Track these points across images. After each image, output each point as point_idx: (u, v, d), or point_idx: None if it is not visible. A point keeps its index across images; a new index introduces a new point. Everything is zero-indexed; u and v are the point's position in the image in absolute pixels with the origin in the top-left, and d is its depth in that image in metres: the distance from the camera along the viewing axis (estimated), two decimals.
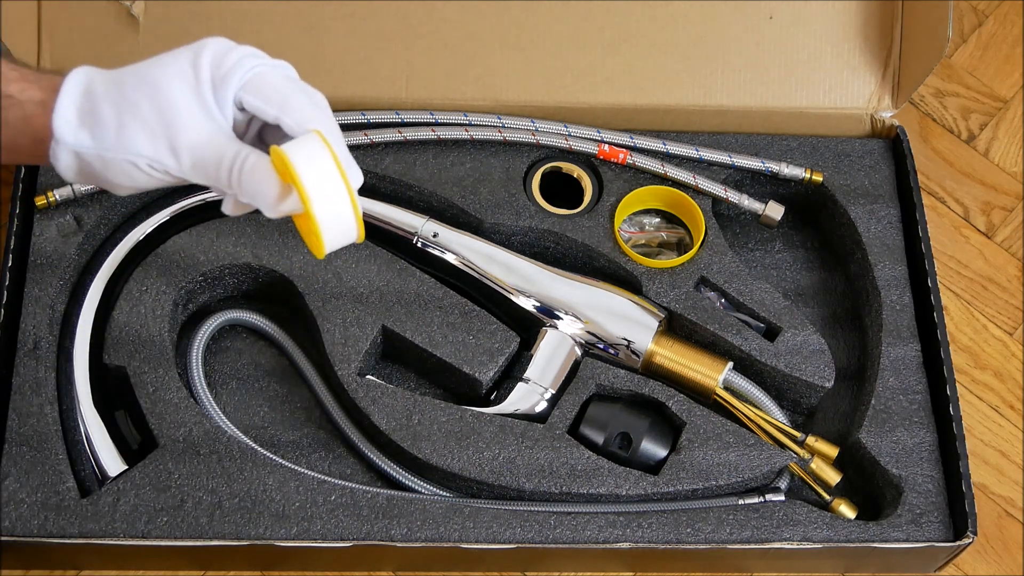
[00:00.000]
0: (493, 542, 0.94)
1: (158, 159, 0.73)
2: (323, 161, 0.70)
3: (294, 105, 0.74)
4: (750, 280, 1.05)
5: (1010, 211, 1.20)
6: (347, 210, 0.70)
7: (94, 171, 0.75)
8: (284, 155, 0.69)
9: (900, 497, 0.97)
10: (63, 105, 0.74)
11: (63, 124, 0.74)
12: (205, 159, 0.73)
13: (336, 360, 0.99)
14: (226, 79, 0.73)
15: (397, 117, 1.09)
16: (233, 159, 0.72)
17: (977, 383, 1.12)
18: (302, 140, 0.71)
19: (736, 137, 1.12)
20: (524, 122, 1.09)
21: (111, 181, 0.76)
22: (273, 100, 0.74)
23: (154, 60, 0.75)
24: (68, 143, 0.74)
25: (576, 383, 1.01)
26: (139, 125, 0.73)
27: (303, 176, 0.69)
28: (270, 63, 0.75)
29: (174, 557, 0.96)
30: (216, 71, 0.74)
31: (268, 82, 0.74)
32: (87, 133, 0.74)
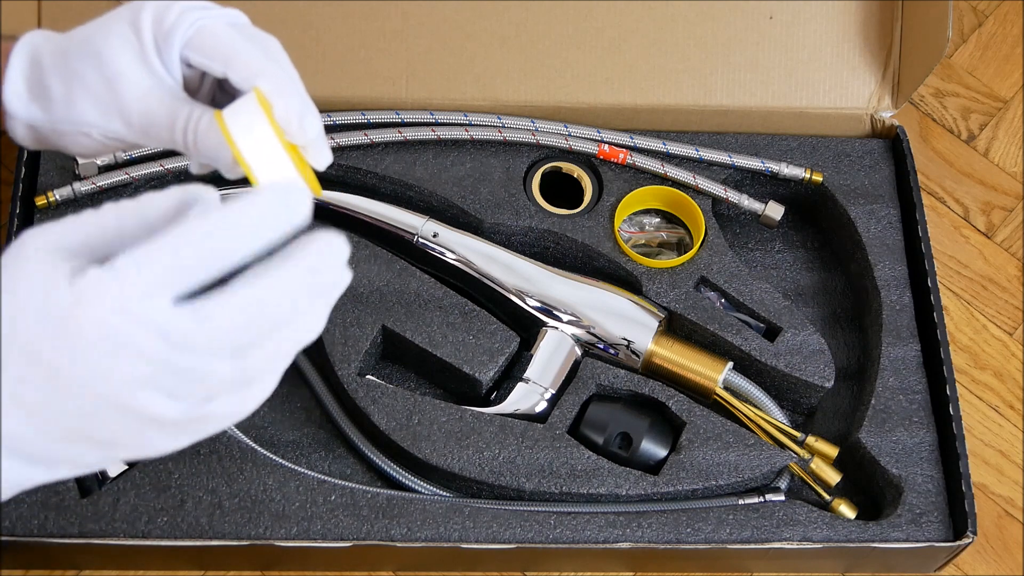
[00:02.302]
0: (493, 542, 0.94)
1: (109, 128, 0.69)
2: (260, 126, 0.65)
3: (241, 58, 0.68)
4: (750, 280, 1.05)
5: (1010, 211, 1.20)
6: (292, 174, 0.65)
7: (51, 141, 0.72)
8: (222, 121, 0.65)
9: (900, 497, 0.97)
10: (11, 78, 0.69)
11: (13, 98, 0.69)
12: (157, 124, 0.68)
13: (336, 360, 0.99)
14: (168, 37, 0.67)
15: (397, 117, 1.09)
16: (186, 121, 0.67)
17: (977, 383, 1.12)
18: (241, 102, 0.65)
19: (736, 137, 1.12)
20: (524, 122, 1.09)
21: (69, 149, 0.72)
22: (218, 55, 0.68)
23: (96, 24, 0.70)
24: (21, 117, 0.70)
25: (576, 383, 1.01)
26: (87, 95, 0.68)
27: (240, 145, 0.64)
28: (216, 13, 0.69)
29: (174, 557, 0.96)
30: (158, 29, 0.68)
31: (213, 35, 0.68)
32: (37, 106, 0.70)
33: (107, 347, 0.52)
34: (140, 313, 0.52)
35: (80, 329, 0.52)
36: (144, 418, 0.54)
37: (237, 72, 0.67)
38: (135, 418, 0.54)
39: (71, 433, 0.55)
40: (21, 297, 0.52)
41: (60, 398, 0.54)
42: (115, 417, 0.54)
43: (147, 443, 0.56)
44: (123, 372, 0.53)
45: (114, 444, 0.56)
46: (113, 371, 0.52)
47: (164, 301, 0.52)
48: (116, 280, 0.52)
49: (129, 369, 0.52)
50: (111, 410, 0.54)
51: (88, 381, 0.53)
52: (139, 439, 0.56)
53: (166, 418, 0.55)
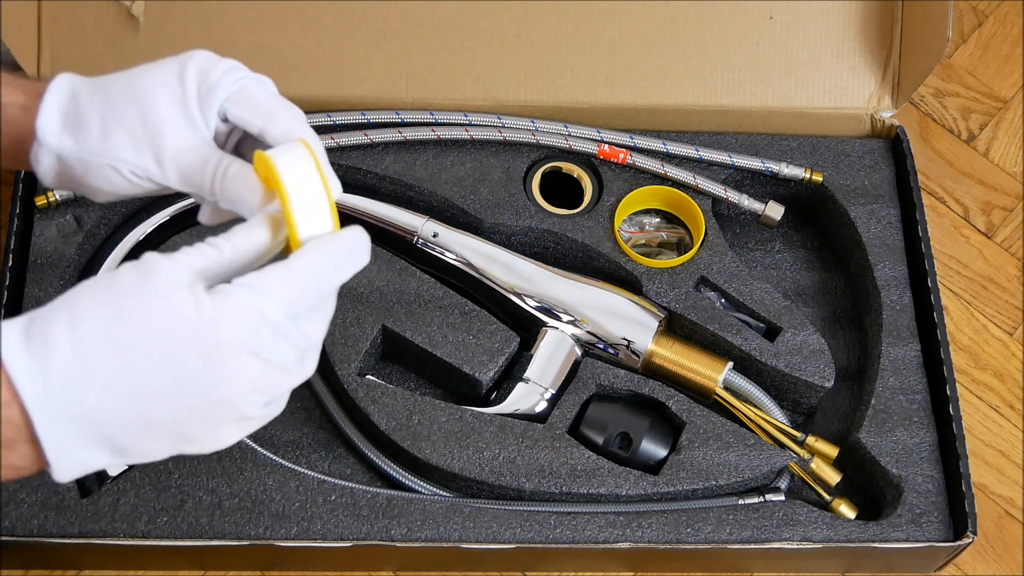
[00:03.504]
0: (493, 542, 0.94)
1: (141, 165, 0.73)
2: (305, 166, 0.70)
3: (280, 117, 0.74)
4: (750, 280, 1.05)
5: (1010, 211, 1.20)
6: (326, 216, 0.70)
7: (74, 175, 0.75)
8: (268, 159, 0.70)
9: (900, 497, 0.97)
10: (47, 107, 0.73)
11: (46, 126, 0.73)
12: (189, 167, 0.73)
13: (336, 360, 0.99)
14: (212, 91, 0.73)
15: (397, 117, 1.09)
16: (216, 166, 0.72)
17: (977, 383, 1.12)
18: (287, 147, 0.71)
19: (736, 137, 1.12)
20: (524, 122, 1.09)
21: (91, 185, 0.75)
22: (259, 112, 0.74)
23: (140, 69, 0.75)
24: (51, 145, 0.73)
25: (576, 383, 1.01)
26: (124, 132, 0.73)
27: (285, 180, 0.69)
28: (252, 77, 0.76)
29: (174, 557, 0.96)
30: (202, 82, 0.73)
31: (252, 95, 0.75)
32: (70, 137, 0.73)
33: (239, 353, 0.63)
34: (272, 322, 0.63)
35: (217, 336, 0.62)
36: (238, 417, 0.65)
37: (277, 127, 0.74)
38: (231, 417, 0.65)
39: (165, 430, 0.64)
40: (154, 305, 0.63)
41: (177, 397, 0.63)
42: (216, 416, 0.64)
43: (219, 439, 0.66)
44: (246, 375, 0.63)
45: (192, 440, 0.65)
46: (239, 374, 0.63)
47: (283, 316, 0.64)
48: (249, 295, 0.63)
49: (250, 373, 0.63)
50: (217, 409, 0.64)
51: (211, 384, 0.63)
52: (216, 436, 0.66)
53: (255, 416, 0.65)
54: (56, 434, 0.62)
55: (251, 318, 0.63)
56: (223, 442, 0.66)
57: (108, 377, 0.62)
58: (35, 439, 0.62)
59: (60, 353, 0.61)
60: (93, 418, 0.62)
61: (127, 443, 0.64)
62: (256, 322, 0.63)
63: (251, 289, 0.64)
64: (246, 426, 0.66)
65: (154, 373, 0.62)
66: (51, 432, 0.62)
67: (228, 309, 0.63)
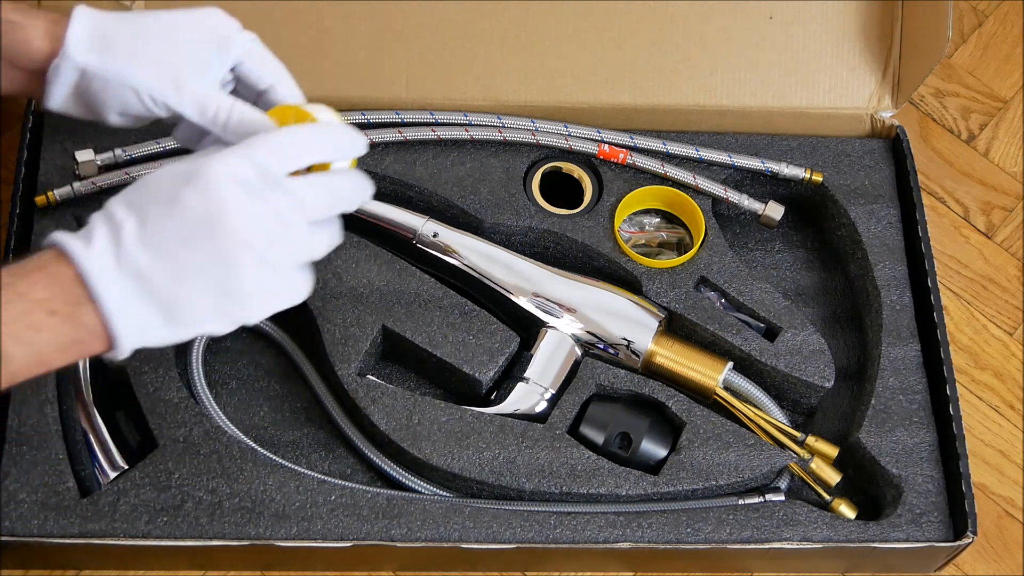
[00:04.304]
0: (493, 542, 0.94)
1: (161, 91, 0.79)
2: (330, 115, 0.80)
3: (288, 79, 0.84)
4: (750, 280, 1.05)
5: (1010, 211, 1.20)
6: None
7: (91, 93, 0.80)
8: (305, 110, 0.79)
9: (900, 497, 0.97)
10: (77, 23, 0.79)
11: (76, 41, 0.78)
12: (205, 100, 0.80)
13: (336, 360, 0.99)
14: (228, 45, 0.82)
15: (397, 117, 1.09)
16: (231, 104, 0.80)
17: (977, 383, 1.12)
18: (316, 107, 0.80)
19: (736, 137, 1.12)
20: (524, 122, 1.09)
21: (106, 104, 0.81)
22: (270, 70, 0.84)
23: (165, 11, 0.82)
24: (76, 60, 0.78)
25: (576, 383, 1.01)
26: (149, 58, 0.79)
27: (319, 116, 0.78)
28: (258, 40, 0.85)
29: (174, 557, 0.96)
30: (222, 34, 0.82)
31: (265, 55, 0.84)
32: (97, 54, 0.79)
33: (230, 186, 0.71)
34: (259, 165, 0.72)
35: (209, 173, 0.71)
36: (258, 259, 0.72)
37: (286, 87, 0.84)
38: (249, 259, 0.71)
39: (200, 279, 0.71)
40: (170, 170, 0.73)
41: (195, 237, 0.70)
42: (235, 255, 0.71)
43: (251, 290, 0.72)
44: (243, 209, 0.71)
45: (229, 293, 0.72)
46: (235, 205, 0.70)
47: (271, 163, 0.73)
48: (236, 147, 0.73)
49: (246, 207, 0.71)
50: (232, 247, 0.71)
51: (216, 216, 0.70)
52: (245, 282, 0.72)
53: (271, 261, 0.72)
54: (110, 291, 0.69)
55: (233, 160, 0.72)
56: (259, 297, 0.73)
57: (133, 232, 0.70)
58: (93, 298, 0.69)
59: (96, 223, 0.70)
60: (140, 273, 0.69)
61: (174, 299, 0.70)
62: (239, 163, 0.72)
63: (241, 144, 0.73)
64: (275, 278, 0.73)
65: (166, 221, 0.70)
66: (106, 287, 0.69)
67: (215, 156, 0.72)
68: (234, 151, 0.73)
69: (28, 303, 0.68)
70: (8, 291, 0.68)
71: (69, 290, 0.69)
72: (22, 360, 0.69)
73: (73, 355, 0.70)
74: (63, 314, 0.69)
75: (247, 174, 0.72)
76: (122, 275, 0.69)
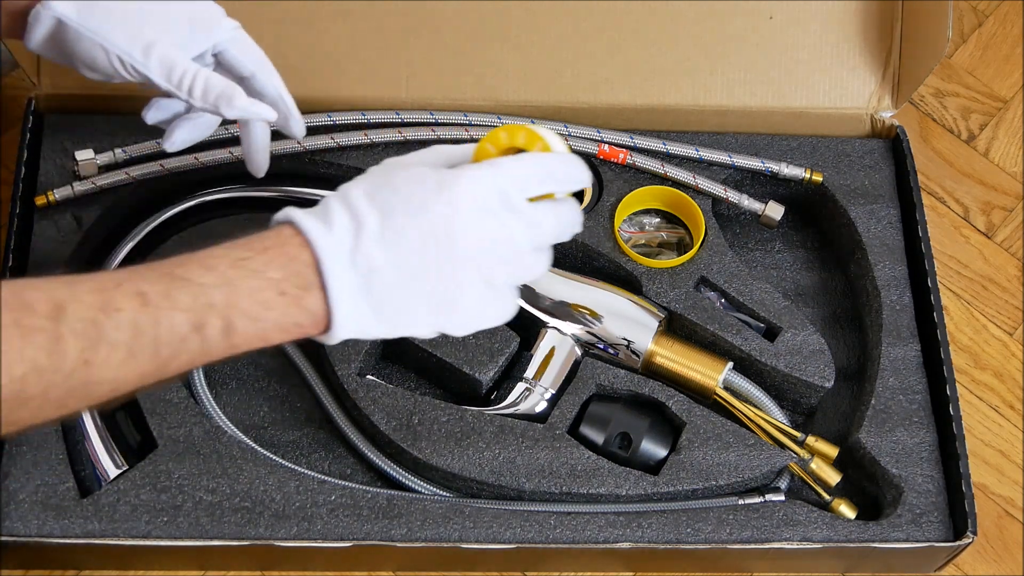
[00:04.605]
0: (493, 542, 0.94)
1: (130, 53, 0.82)
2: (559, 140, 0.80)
3: (269, 69, 0.87)
4: (750, 280, 1.05)
5: (1010, 211, 1.20)
6: None
7: (66, 43, 0.83)
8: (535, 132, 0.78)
9: (900, 497, 0.97)
10: None
11: None
12: (172, 64, 0.83)
13: (336, 360, 0.99)
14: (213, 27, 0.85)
15: (397, 117, 1.09)
16: (197, 70, 0.83)
17: (977, 383, 1.12)
18: (544, 129, 0.79)
19: (736, 137, 1.12)
20: (524, 122, 1.09)
21: (76, 56, 0.83)
22: (253, 59, 0.87)
23: None
24: (54, 9, 0.81)
25: (576, 383, 1.01)
26: (124, 21, 0.82)
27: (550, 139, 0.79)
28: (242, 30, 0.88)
29: (174, 557, 0.96)
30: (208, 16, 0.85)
31: (250, 44, 0.87)
32: (74, 8, 0.82)
33: (471, 207, 0.73)
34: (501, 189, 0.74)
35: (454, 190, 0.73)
36: (481, 279, 0.74)
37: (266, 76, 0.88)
38: (473, 278, 0.73)
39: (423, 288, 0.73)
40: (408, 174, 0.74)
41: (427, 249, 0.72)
42: (461, 274, 0.73)
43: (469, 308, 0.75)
44: (480, 229, 0.73)
45: (444, 306, 0.74)
46: (474, 226, 0.73)
47: (512, 188, 0.74)
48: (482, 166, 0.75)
49: (484, 228, 0.73)
50: (460, 265, 0.73)
51: (453, 233, 0.72)
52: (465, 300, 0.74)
53: (497, 284, 0.75)
54: (341, 281, 0.71)
55: (482, 180, 0.73)
56: (472, 312, 0.75)
57: (374, 230, 0.71)
58: (323, 286, 0.71)
59: (337, 212, 0.72)
60: (372, 270, 0.71)
61: (395, 300, 0.73)
62: (487, 184, 0.73)
63: (489, 164, 0.75)
64: (491, 296, 0.75)
65: (409, 227, 0.72)
66: (338, 278, 0.71)
67: (465, 173, 0.74)
68: (482, 169, 0.74)
69: (262, 280, 0.70)
70: (244, 267, 0.70)
71: (303, 274, 0.71)
72: (246, 335, 0.70)
73: (291, 336, 0.72)
74: (292, 296, 0.71)
75: (492, 196, 0.73)
76: (355, 268, 0.71)
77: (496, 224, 0.74)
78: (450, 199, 0.73)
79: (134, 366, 0.67)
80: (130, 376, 0.68)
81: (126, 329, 0.66)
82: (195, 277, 0.69)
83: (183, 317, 0.68)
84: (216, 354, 0.71)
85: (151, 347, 0.67)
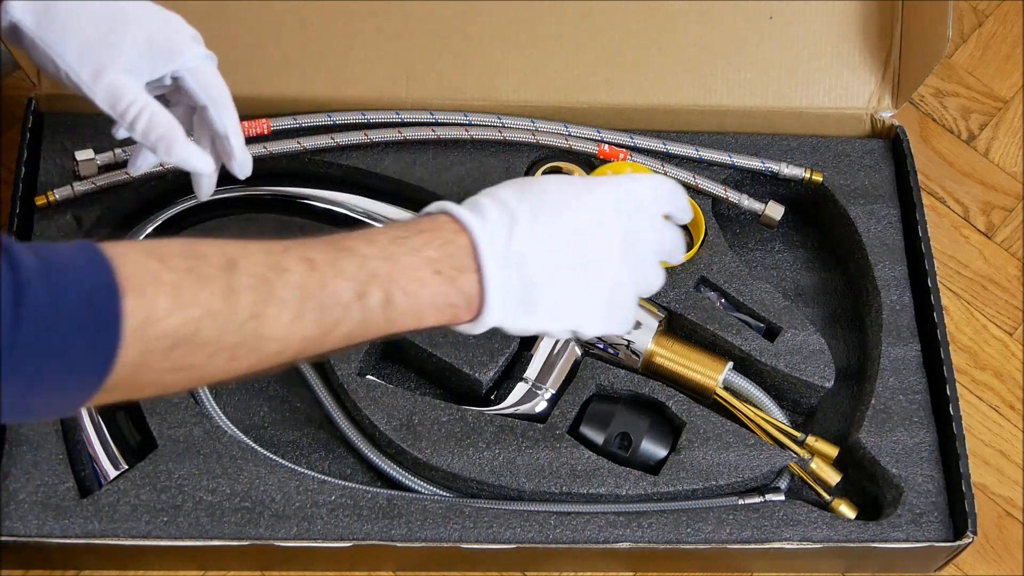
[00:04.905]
0: (493, 542, 0.94)
1: (79, 75, 0.80)
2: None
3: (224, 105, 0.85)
4: (750, 280, 1.05)
5: (1010, 211, 1.20)
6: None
7: (23, 44, 0.82)
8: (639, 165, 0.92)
9: (900, 497, 0.97)
10: None
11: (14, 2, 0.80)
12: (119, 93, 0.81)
13: (336, 360, 0.99)
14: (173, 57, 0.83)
15: (397, 117, 1.09)
16: (145, 103, 0.81)
17: (977, 383, 1.12)
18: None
19: (736, 137, 1.12)
20: (524, 122, 1.09)
21: (33, 58, 0.82)
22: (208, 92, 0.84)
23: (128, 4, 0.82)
24: (12, 15, 0.80)
25: (576, 383, 1.01)
26: (78, 41, 0.80)
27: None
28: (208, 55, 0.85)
29: (174, 557, 0.96)
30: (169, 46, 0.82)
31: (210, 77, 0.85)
32: (31, 18, 0.80)
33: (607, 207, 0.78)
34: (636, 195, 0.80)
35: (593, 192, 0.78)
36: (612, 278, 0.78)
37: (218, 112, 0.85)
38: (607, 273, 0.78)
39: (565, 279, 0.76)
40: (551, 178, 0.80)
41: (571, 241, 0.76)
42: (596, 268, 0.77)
43: (602, 301, 0.78)
44: (614, 228, 0.78)
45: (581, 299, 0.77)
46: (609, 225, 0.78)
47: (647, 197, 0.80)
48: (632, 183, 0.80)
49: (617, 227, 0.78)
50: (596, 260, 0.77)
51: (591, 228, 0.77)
52: (599, 292, 0.78)
53: (625, 283, 0.79)
54: (495, 267, 0.73)
55: (623, 185, 0.79)
56: (599, 312, 0.78)
57: (527, 225, 0.75)
58: (479, 269, 0.73)
59: (490, 207, 0.75)
60: (522, 260, 0.74)
61: (538, 291, 0.75)
62: (627, 189, 0.79)
63: (628, 176, 0.82)
64: (619, 300, 0.79)
65: (557, 224, 0.76)
66: (493, 262, 0.73)
67: (607, 179, 0.80)
68: (622, 178, 0.81)
69: (419, 259, 0.73)
70: (403, 244, 0.73)
71: (459, 256, 0.73)
72: (402, 310, 0.72)
73: (443, 317, 0.74)
74: (446, 276, 0.73)
75: (630, 201, 0.78)
76: (507, 258, 0.74)
77: (632, 226, 0.78)
78: (595, 199, 0.77)
79: (300, 328, 0.69)
80: (296, 338, 0.69)
81: (294, 289, 0.68)
82: (359, 248, 0.72)
83: (347, 284, 0.70)
84: (374, 328, 0.72)
85: (317, 310, 0.69)
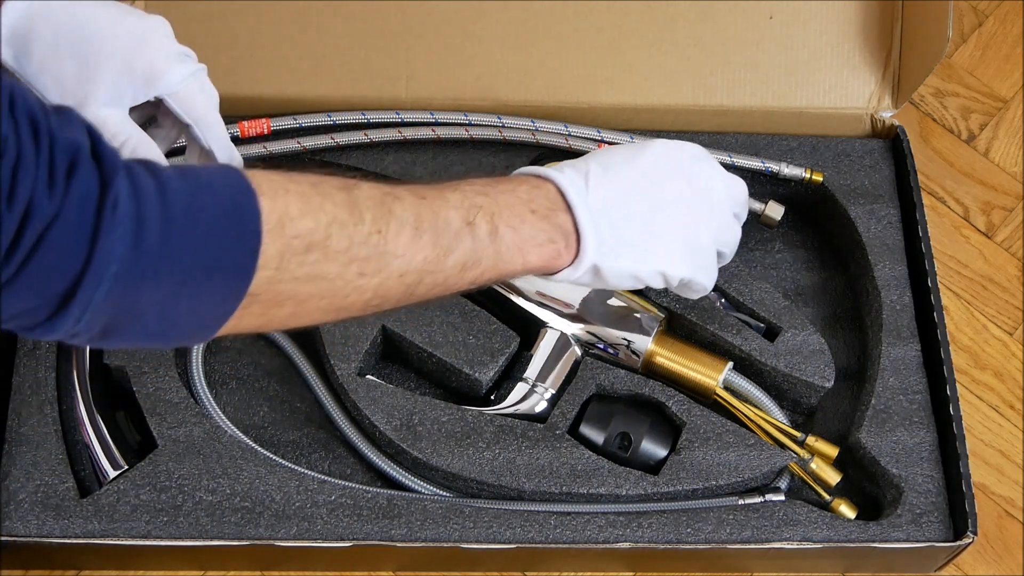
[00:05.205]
0: (493, 542, 0.94)
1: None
2: None
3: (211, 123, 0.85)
4: (750, 280, 1.05)
5: (1010, 211, 1.20)
6: None
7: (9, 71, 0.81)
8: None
9: (900, 497, 0.97)
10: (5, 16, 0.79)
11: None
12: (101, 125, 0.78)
13: (336, 360, 0.99)
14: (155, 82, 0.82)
15: (397, 117, 1.09)
16: (128, 135, 0.81)
17: (977, 383, 1.12)
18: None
19: (736, 137, 1.12)
20: (524, 122, 1.09)
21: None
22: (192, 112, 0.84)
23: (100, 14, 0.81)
24: None
25: (576, 383, 1.01)
26: (58, 74, 0.80)
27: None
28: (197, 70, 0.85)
29: (174, 557, 0.96)
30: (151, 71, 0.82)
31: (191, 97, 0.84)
32: (11, 53, 0.80)
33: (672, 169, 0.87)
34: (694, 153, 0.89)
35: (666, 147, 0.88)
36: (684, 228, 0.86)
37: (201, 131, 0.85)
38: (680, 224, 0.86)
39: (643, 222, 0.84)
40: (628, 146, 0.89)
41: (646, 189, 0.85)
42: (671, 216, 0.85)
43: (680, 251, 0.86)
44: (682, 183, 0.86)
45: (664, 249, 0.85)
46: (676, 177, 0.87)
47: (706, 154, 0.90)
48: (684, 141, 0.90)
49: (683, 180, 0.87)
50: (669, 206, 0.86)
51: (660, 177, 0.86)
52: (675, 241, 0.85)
53: (700, 236, 0.87)
54: (583, 205, 0.80)
55: (671, 141, 0.88)
56: (677, 250, 0.85)
57: (599, 176, 0.82)
58: (569, 208, 0.80)
59: (563, 168, 0.82)
60: (605, 201, 0.81)
61: (618, 227, 0.82)
62: (676, 143, 0.88)
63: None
64: (694, 237, 0.86)
65: (625, 172, 0.83)
66: (580, 201, 0.80)
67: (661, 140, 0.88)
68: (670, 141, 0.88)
69: (514, 198, 0.79)
70: (496, 187, 0.79)
71: (550, 197, 0.80)
72: (508, 242, 0.77)
73: (545, 255, 0.80)
74: (542, 214, 0.79)
75: (688, 154, 0.87)
76: (590, 201, 0.81)
77: (696, 172, 0.87)
78: (655, 149, 0.86)
79: (420, 247, 0.72)
80: (417, 258, 0.72)
81: (410, 211, 0.72)
82: (459, 185, 0.77)
83: (455, 213, 0.75)
84: (485, 261, 0.76)
85: (432, 232, 0.73)
